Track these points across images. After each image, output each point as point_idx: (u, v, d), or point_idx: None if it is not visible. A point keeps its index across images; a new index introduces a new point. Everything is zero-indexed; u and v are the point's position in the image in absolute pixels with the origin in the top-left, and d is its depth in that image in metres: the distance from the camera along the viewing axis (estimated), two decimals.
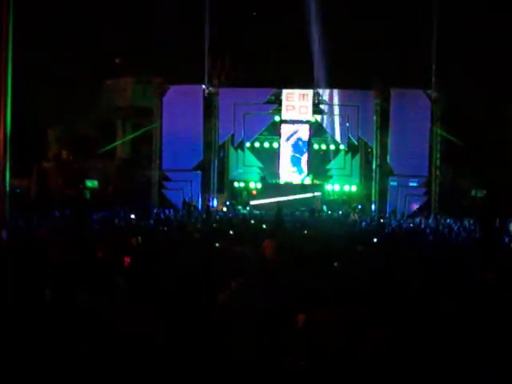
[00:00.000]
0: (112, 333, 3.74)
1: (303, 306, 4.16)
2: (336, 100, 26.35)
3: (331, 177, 28.46)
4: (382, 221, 20.68)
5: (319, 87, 26.27)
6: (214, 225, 14.89)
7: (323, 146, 28.96)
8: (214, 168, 26.89)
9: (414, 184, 25.80)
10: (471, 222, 18.21)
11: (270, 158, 28.48)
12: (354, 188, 28.30)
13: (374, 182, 26.37)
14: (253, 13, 27.04)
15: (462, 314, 4.31)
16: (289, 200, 26.00)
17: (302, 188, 27.13)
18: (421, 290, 5.50)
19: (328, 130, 27.31)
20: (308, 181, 27.64)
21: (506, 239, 12.81)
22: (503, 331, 3.91)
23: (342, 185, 28.16)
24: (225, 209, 26.11)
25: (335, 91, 26.34)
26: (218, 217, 20.56)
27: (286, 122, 27.57)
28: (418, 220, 20.75)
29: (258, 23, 27.04)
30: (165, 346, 3.72)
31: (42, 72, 28.10)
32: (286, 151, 27.93)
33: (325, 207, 25.91)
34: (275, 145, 28.57)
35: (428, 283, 5.77)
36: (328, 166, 28.71)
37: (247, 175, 28.87)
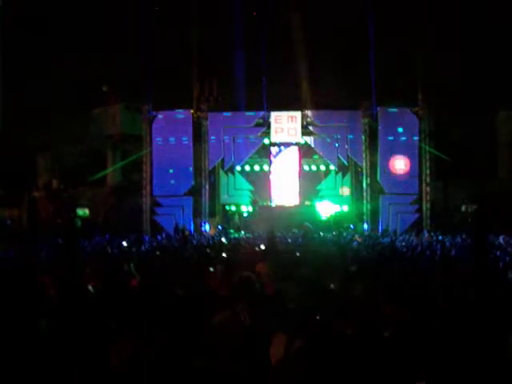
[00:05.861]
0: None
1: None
2: (324, 121, 26.51)
3: (322, 197, 28.50)
4: (374, 239, 20.61)
5: (307, 109, 26.43)
6: (208, 250, 14.77)
7: (313, 167, 29.09)
8: (205, 192, 26.85)
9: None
10: (464, 237, 18.23)
11: (261, 181, 28.57)
12: (345, 208, 28.33)
13: (365, 201, 26.42)
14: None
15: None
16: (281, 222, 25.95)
17: (295, 210, 27.21)
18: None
19: (317, 151, 27.45)
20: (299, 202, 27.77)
21: (498, 253, 12.80)
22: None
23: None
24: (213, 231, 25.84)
25: (324, 112, 26.54)
26: (211, 242, 20.43)
27: (275, 144, 27.74)
28: (410, 238, 20.70)
29: (245, 48, 27.21)
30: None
31: (29, 100, 28.13)
32: (276, 173, 28.10)
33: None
34: (265, 167, 28.70)
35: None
36: (319, 187, 28.78)
37: (238, 199, 28.89)
